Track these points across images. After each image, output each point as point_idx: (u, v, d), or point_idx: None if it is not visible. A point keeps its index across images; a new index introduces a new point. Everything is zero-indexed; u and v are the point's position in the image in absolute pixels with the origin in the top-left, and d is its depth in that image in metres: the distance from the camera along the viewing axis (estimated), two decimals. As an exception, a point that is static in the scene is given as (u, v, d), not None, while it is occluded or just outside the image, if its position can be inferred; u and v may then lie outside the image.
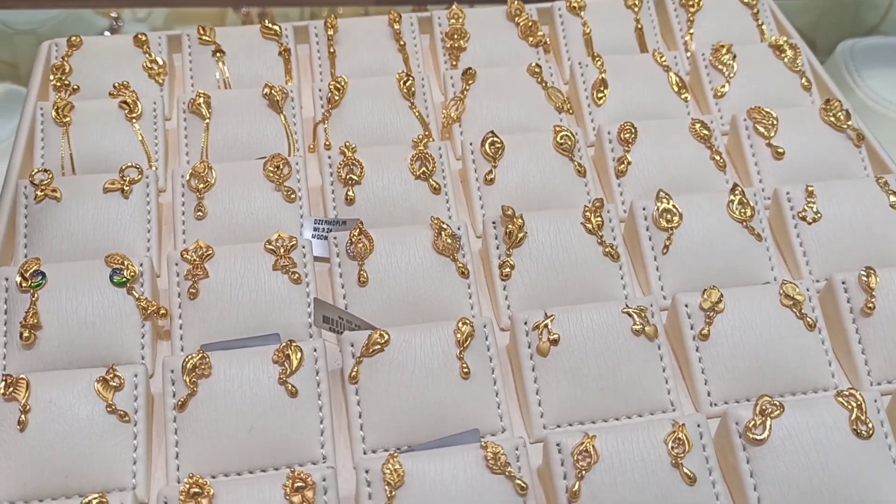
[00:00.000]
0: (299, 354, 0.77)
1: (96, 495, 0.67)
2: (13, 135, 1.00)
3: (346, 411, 0.77)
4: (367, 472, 0.70)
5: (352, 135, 1.00)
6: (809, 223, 0.91)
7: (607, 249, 0.88)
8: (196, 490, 0.67)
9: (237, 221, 0.91)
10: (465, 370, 0.77)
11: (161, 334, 0.84)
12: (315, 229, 0.91)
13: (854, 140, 1.00)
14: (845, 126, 1.01)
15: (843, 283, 0.84)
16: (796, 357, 0.81)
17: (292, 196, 0.92)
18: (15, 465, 0.72)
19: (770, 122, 1.00)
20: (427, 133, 1.01)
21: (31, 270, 0.82)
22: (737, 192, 0.91)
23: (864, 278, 0.83)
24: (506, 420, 0.78)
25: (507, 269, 0.87)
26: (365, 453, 0.75)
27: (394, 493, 0.69)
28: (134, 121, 0.99)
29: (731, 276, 0.88)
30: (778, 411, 0.74)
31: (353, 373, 0.77)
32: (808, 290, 0.84)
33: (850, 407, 0.74)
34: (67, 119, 0.99)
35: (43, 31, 1.57)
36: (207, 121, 1.00)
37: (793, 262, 0.91)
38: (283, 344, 0.77)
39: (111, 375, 0.75)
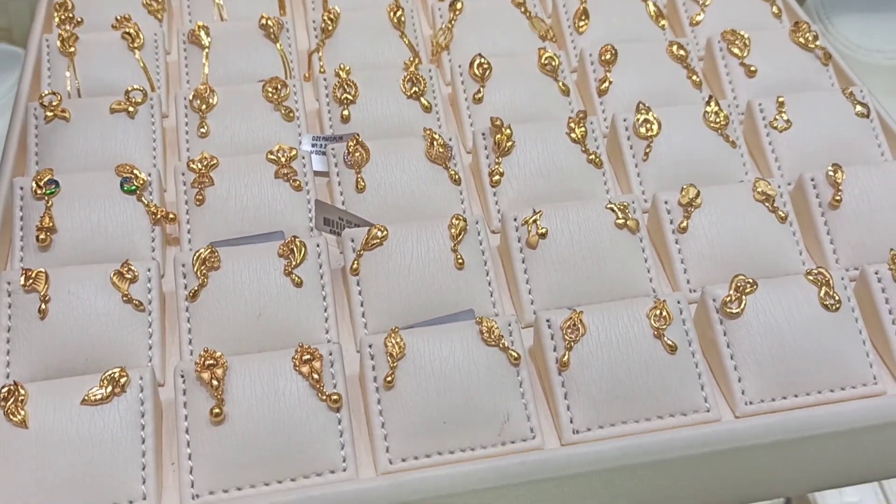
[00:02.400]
0: (303, 249, 0.81)
1: (117, 368, 0.71)
2: (11, 92, 1.04)
3: (349, 301, 0.82)
4: (370, 346, 0.75)
5: (345, 63, 1.05)
6: (780, 131, 0.97)
7: (591, 157, 0.93)
8: (211, 362, 0.72)
9: (238, 139, 0.95)
10: (460, 261, 0.82)
11: (169, 241, 0.88)
12: (313, 145, 0.96)
13: (822, 59, 1.06)
14: (813, 46, 1.06)
15: (812, 179, 0.90)
16: (769, 247, 0.86)
17: (290, 115, 0.97)
18: (37, 351, 0.76)
19: (743, 43, 1.05)
20: (417, 59, 1.05)
21: (44, 179, 0.86)
22: (712, 103, 0.96)
23: (832, 174, 0.89)
24: (498, 307, 0.83)
25: (497, 177, 0.92)
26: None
27: (396, 364, 0.73)
28: (136, 51, 1.04)
29: (707, 180, 0.93)
30: (752, 288, 0.79)
31: (355, 265, 0.82)
32: (779, 186, 0.89)
33: (819, 283, 0.80)
34: (72, 50, 1.03)
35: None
36: (207, 49, 1.04)
37: (765, 167, 0.97)
38: (288, 239, 0.82)
39: (126, 269, 0.80)
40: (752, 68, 1.04)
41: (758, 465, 0.75)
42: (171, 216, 0.87)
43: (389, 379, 0.73)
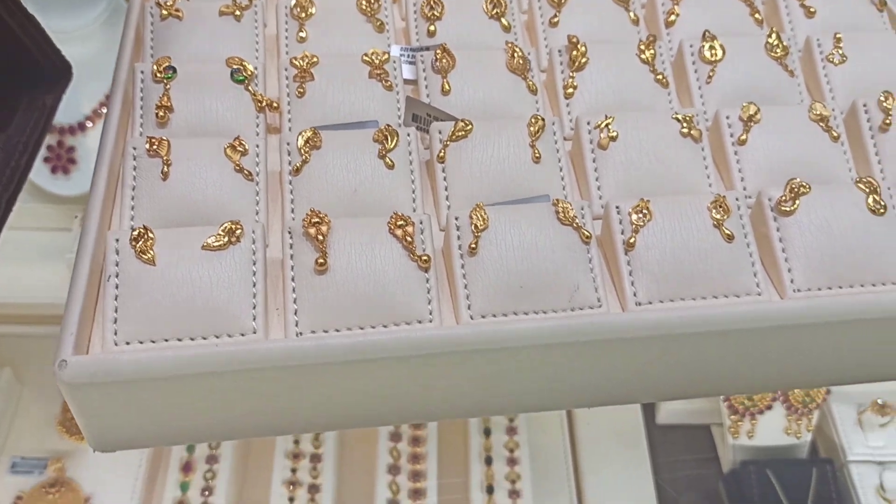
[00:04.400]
0: (395, 137, 0.90)
1: (232, 222, 0.80)
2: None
3: (434, 185, 0.90)
4: (457, 218, 0.83)
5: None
6: (836, 65, 1.03)
7: (658, 77, 1.01)
8: (316, 220, 0.81)
9: (333, 45, 1.04)
10: (537, 156, 0.90)
11: (271, 130, 0.97)
12: (401, 55, 1.04)
13: (877, 5, 1.12)
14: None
15: (864, 105, 0.97)
16: (821, 161, 0.93)
17: (382, 27, 1.05)
18: (158, 207, 0.85)
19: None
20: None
21: (164, 65, 0.95)
22: (773, 35, 1.03)
23: (883, 100, 0.96)
24: (570, 199, 0.90)
25: (570, 90, 1.00)
26: (450, 218, 0.89)
27: (479, 234, 0.82)
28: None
29: (765, 104, 1.00)
30: (805, 190, 0.86)
31: (441, 154, 0.90)
32: (833, 109, 0.96)
33: (867, 191, 0.87)
34: (181, -39, 1.12)
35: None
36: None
37: (819, 97, 1.03)
38: (382, 127, 0.90)
39: (238, 143, 0.88)
40: (812, 9, 1.11)
41: (803, 346, 0.83)
42: (274, 105, 0.95)
43: (473, 246, 0.81)
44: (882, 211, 0.86)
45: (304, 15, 1.05)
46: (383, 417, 0.83)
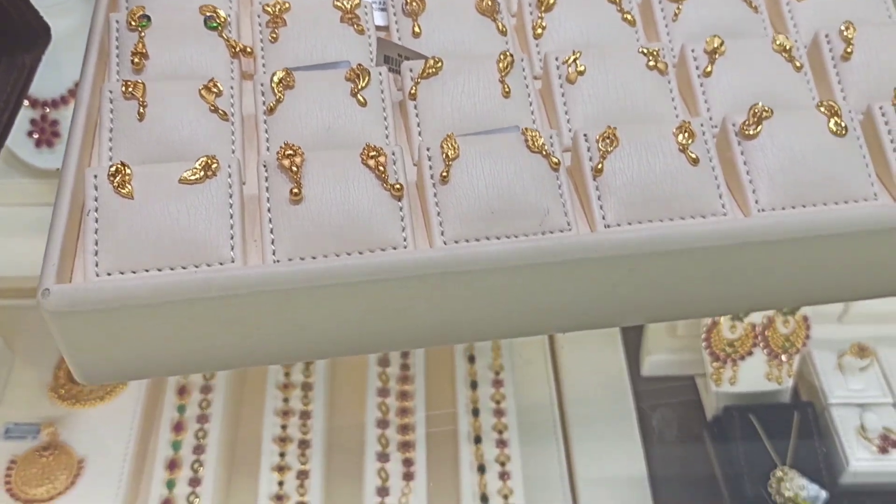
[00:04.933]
0: (367, 75, 0.92)
1: (208, 156, 0.82)
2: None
3: (405, 121, 0.92)
4: (428, 149, 0.85)
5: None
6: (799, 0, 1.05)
7: (625, 16, 1.03)
8: (290, 152, 0.83)
9: (306, -5, 1.06)
10: (507, 90, 0.92)
11: (245, 76, 0.99)
12: (373, 1, 1.06)
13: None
14: None
15: (826, 35, 0.99)
16: (785, 90, 0.95)
17: (353, -25, 1.07)
18: (135, 147, 0.87)
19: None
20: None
21: (138, 14, 0.97)
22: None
23: (844, 30, 0.98)
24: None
25: (539, 30, 1.01)
26: (422, 153, 0.91)
27: (450, 163, 0.84)
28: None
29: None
30: (768, 114, 0.88)
31: (413, 91, 0.92)
32: (796, 41, 0.98)
33: (828, 114, 0.89)
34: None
35: None
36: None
37: (783, 29, 1.05)
38: (354, 66, 0.92)
39: (212, 84, 0.90)
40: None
41: (768, 265, 0.85)
42: (248, 50, 0.97)
43: (445, 174, 0.83)
44: (843, 133, 0.88)
45: (276, -34, 1.06)
46: (363, 345, 0.85)
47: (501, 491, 1.32)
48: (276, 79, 0.90)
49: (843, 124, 0.88)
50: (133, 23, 0.96)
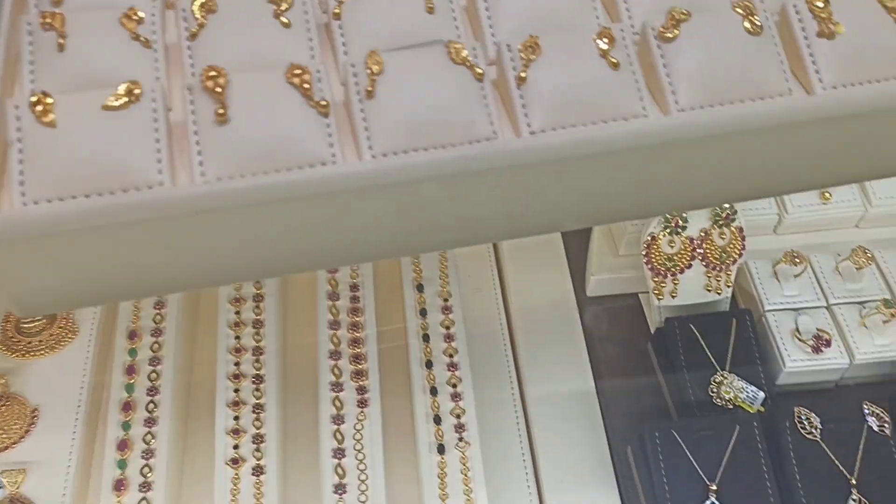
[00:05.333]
0: (289, -3, 0.92)
1: (130, 82, 0.82)
2: None
3: (333, 45, 0.92)
4: (353, 65, 0.85)
5: None
6: None
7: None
8: (213, 73, 0.82)
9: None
10: (430, 5, 0.93)
11: (167, 5, 0.98)
12: (294, -75, 1.05)
13: None
14: None
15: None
16: (704, -5, 0.97)
17: None
18: (56, 77, 0.86)
19: None
20: None
21: (51, -55, 0.95)
22: None
23: (760, -67, 0.99)
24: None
25: (462, -53, 1.02)
26: (349, 71, 0.91)
27: (375, 77, 0.84)
28: None
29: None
30: (685, 17, 0.90)
31: (337, 11, 0.92)
32: (713, -54, 1.00)
33: (744, 14, 0.91)
34: None
35: None
36: None
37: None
38: (275, -13, 0.92)
39: (132, 12, 0.89)
40: None
41: (691, 164, 0.88)
42: (168, -23, 0.96)
43: (370, 89, 0.84)
44: (759, 31, 0.90)
45: None
46: (297, 264, 0.87)
47: (454, 411, 1.36)
48: (197, 3, 0.89)
49: (758, 23, 0.90)
50: (47, -47, 0.94)
